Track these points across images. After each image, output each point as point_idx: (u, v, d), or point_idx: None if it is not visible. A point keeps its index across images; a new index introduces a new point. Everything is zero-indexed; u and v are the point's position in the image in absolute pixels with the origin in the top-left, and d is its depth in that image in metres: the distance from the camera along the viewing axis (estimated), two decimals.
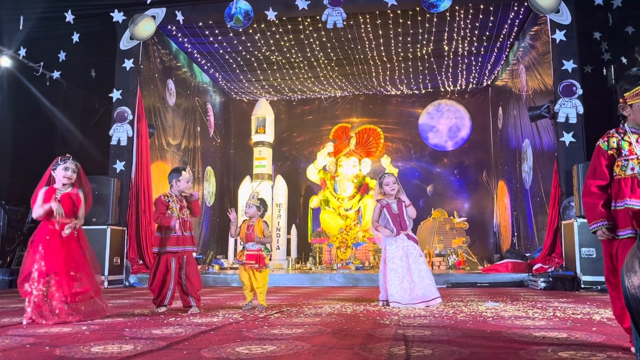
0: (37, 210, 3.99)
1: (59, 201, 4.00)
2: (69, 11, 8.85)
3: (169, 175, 4.84)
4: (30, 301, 3.78)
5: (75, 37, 9.19)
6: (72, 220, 4.03)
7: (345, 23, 8.91)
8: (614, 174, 2.54)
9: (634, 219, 2.41)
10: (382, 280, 4.93)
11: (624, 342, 2.73)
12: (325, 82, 12.50)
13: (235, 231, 4.88)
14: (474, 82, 12.71)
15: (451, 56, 10.98)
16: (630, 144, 2.53)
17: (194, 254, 5.00)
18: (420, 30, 9.75)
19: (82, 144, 11.44)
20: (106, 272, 7.94)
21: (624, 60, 9.68)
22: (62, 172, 4.06)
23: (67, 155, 4.17)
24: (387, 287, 4.84)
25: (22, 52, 9.31)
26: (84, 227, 4.21)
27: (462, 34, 9.90)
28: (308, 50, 10.60)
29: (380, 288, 4.99)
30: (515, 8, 8.95)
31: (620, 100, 2.63)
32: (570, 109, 7.92)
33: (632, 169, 2.49)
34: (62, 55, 9.67)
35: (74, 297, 3.88)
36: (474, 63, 11.44)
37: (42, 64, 9.75)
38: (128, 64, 9.11)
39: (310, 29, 9.69)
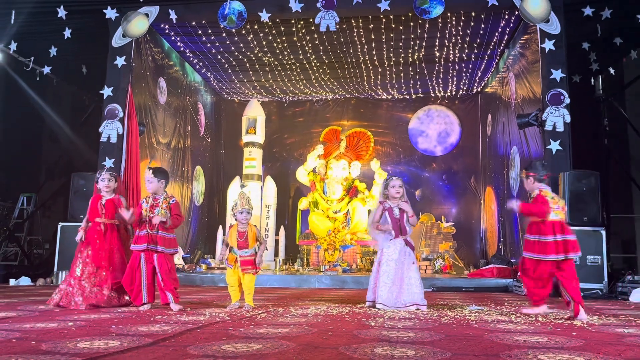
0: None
1: (103, 206, 4.82)
2: (61, 6, 8.81)
3: None
4: (70, 284, 4.57)
5: (67, 33, 9.14)
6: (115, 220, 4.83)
7: (338, 26, 8.95)
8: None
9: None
10: (373, 282, 4.95)
11: (602, 346, 2.79)
12: (316, 85, 12.55)
13: (224, 253, 4.87)
14: (464, 88, 12.82)
15: (442, 62, 11.07)
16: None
17: (181, 253, 5.12)
18: (412, 36, 9.83)
19: (71, 140, 11.39)
20: None
21: (612, 71, 9.83)
22: (101, 183, 4.89)
23: (103, 168, 5.03)
24: (376, 288, 4.87)
25: (13, 46, 9.25)
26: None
27: (453, 40, 10.00)
28: (300, 52, 10.63)
29: (368, 289, 5.02)
30: (506, 17, 9.06)
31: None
32: (557, 117, 8.03)
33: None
34: (53, 51, 9.62)
35: (110, 283, 4.67)
36: (464, 70, 11.55)
37: (32, 58, 9.69)
38: (120, 61, 9.08)
39: (303, 31, 9.73)
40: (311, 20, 9.01)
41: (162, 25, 9.63)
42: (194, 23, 9.52)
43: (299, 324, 3.62)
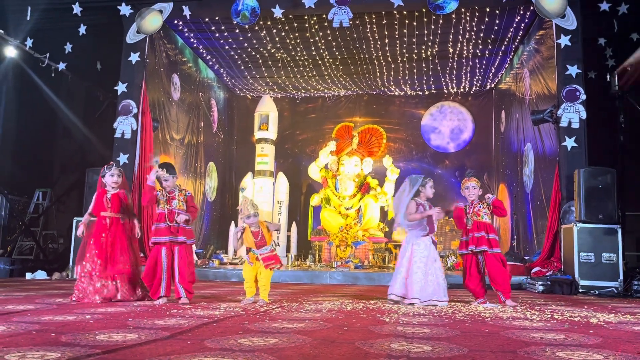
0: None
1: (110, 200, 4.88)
2: (77, 3, 8.89)
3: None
4: (82, 281, 4.69)
5: (82, 30, 9.22)
6: (120, 215, 4.90)
7: (351, 22, 8.93)
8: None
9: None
10: (403, 275, 4.95)
11: (620, 344, 2.77)
12: (329, 81, 12.54)
13: (238, 244, 4.90)
14: (478, 84, 12.74)
15: (455, 58, 11.01)
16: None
17: (194, 247, 5.14)
18: (426, 32, 9.78)
19: (85, 136, 11.48)
20: None
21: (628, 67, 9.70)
22: (110, 178, 4.90)
23: (111, 163, 5.04)
24: (408, 284, 4.91)
25: (29, 42, 9.34)
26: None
27: (467, 36, 9.94)
28: (313, 48, 10.63)
29: (394, 282, 5.02)
30: (521, 12, 8.98)
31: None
32: (573, 114, 7.95)
33: None
34: (68, 47, 9.70)
35: (118, 276, 4.73)
36: (478, 66, 11.47)
37: (48, 55, 9.77)
38: (134, 57, 9.14)
39: (316, 27, 9.72)
40: (324, 16, 9.01)
41: (176, 22, 9.68)
42: (207, 19, 9.56)
43: (314, 319, 3.63)
